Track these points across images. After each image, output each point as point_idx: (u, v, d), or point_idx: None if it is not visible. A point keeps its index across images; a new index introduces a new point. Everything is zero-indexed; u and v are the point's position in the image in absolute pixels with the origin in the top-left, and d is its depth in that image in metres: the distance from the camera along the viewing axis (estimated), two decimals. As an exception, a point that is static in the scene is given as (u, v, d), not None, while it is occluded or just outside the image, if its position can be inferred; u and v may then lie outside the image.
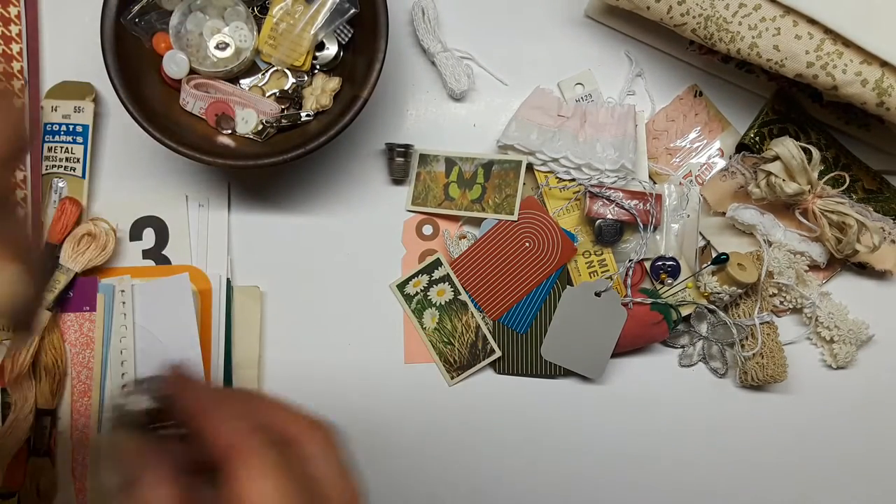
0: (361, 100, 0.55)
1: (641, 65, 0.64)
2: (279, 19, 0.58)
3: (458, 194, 0.61)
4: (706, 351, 0.61)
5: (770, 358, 0.59)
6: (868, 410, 0.63)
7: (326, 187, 0.62)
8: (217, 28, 0.57)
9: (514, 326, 0.60)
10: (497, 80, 0.64)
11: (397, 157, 0.61)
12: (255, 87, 0.59)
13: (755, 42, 0.55)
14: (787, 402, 0.62)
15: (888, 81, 0.53)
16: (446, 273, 0.60)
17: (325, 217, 0.62)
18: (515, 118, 0.61)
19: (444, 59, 0.62)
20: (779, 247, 0.60)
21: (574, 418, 0.61)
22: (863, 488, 0.62)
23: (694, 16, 0.57)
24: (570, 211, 0.61)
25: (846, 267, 0.63)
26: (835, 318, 0.61)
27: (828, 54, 0.54)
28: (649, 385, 0.62)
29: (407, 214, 0.62)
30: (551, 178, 0.61)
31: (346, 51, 0.59)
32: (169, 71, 0.56)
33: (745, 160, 0.61)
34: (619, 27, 0.64)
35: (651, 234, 0.60)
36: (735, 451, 0.62)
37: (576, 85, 0.64)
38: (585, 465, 0.61)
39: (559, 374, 0.61)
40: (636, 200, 0.59)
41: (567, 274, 0.61)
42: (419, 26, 0.63)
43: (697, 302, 0.60)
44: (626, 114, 0.60)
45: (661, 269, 0.61)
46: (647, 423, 0.62)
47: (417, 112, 0.64)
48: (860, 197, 0.62)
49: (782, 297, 0.61)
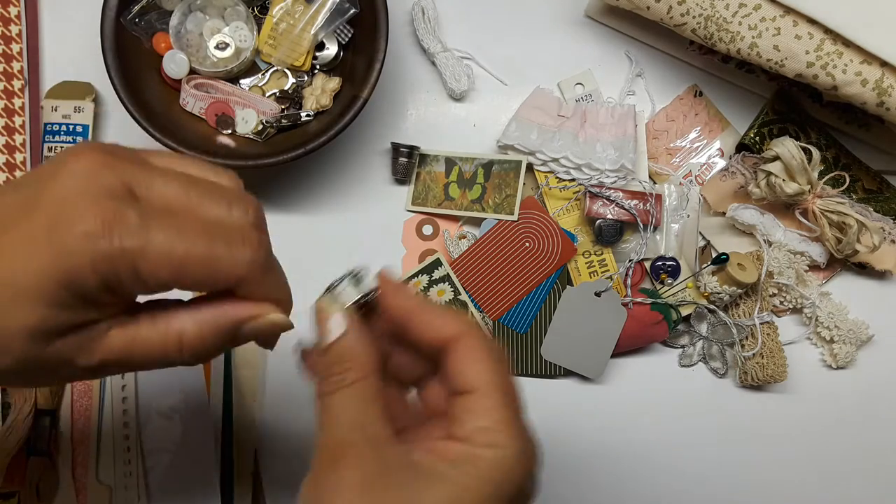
0: (361, 100, 0.55)
1: (641, 65, 0.64)
2: (279, 19, 0.58)
3: (458, 194, 0.61)
4: (706, 351, 0.61)
5: (770, 358, 0.59)
6: (868, 410, 0.63)
7: (326, 187, 0.62)
8: (217, 28, 0.57)
9: (514, 326, 0.60)
10: (497, 80, 0.64)
11: (401, 157, 0.61)
12: (255, 87, 0.59)
13: (755, 42, 0.55)
14: (787, 402, 0.62)
15: (888, 81, 0.53)
16: (446, 273, 0.60)
17: (325, 217, 0.62)
18: (515, 118, 0.61)
19: (444, 59, 0.62)
20: (779, 247, 0.60)
21: (574, 418, 0.61)
22: (863, 488, 0.62)
23: (694, 16, 0.57)
24: (570, 211, 0.61)
25: (846, 267, 0.63)
26: (835, 318, 0.61)
27: (828, 54, 0.54)
28: (649, 385, 0.62)
29: (407, 214, 0.62)
30: (551, 178, 0.61)
31: (346, 51, 0.59)
32: (169, 71, 0.56)
33: (745, 160, 0.61)
34: (619, 27, 0.64)
35: (651, 234, 0.60)
36: (735, 451, 0.62)
37: (576, 85, 0.64)
38: (585, 465, 0.61)
39: (559, 374, 0.61)
40: (636, 200, 0.59)
41: (567, 274, 0.61)
42: (419, 26, 0.63)
43: (697, 302, 0.60)
44: (626, 114, 0.60)
45: (661, 269, 0.61)
46: (647, 423, 0.62)
47: (417, 112, 0.64)
48: (860, 197, 0.62)
49: (782, 297, 0.61)
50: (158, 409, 0.56)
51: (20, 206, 0.29)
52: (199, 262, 0.29)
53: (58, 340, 0.29)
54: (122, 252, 0.28)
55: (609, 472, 0.61)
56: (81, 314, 0.29)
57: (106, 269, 0.28)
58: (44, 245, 0.27)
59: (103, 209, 0.28)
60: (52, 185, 0.28)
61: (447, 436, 0.32)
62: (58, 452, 0.56)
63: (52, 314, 0.28)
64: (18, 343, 0.28)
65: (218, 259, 0.29)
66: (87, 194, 0.28)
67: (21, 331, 0.28)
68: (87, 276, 0.27)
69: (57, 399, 0.56)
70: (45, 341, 0.29)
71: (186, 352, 0.31)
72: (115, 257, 0.28)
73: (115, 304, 0.30)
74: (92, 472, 0.55)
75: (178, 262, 0.29)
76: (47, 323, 0.28)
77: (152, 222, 0.28)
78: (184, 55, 0.56)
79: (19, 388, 0.55)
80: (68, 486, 0.56)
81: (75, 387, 0.57)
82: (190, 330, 0.31)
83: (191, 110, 0.57)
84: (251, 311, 0.32)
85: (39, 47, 0.61)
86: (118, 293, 0.29)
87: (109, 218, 0.28)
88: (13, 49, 0.59)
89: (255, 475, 0.58)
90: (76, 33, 0.60)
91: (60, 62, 0.61)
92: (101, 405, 0.56)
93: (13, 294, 0.28)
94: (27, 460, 0.55)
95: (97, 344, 0.30)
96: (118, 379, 0.56)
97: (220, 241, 0.29)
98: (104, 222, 0.27)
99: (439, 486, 0.30)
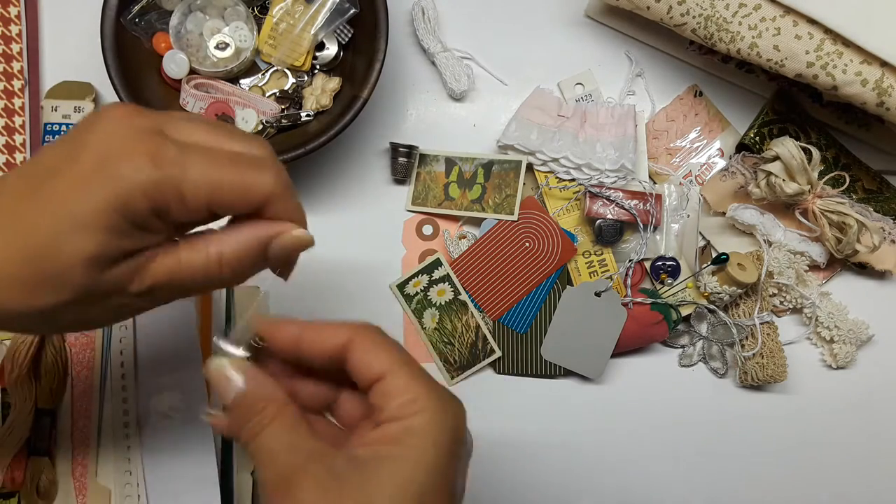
0: (361, 100, 0.55)
1: (641, 65, 0.64)
2: (279, 19, 0.58)
3: (458, 194, 0.61)
4: (706, 351, 0.61)
5: (770, 358, 0.59)
6: (868, 410, 0.63)
7: (326, 187, 0.62)
8: (217, 28, 0.57)
9: (514, 326, 0.60)
10: (497, 80, 0.64)
11: (401, 157, 0.61)
12: (255, 87, 0.59)
13: (755, 42, 0.55)
14: (787, 402, 0.62)
15: (888, 81, 0.53)
16: (446, 273, 0.60)
17: (325, 217, 0.62)
18: (515, 118, 0.61)
19: (444, 59, 0.62)
20: (779, 247, 0.60)
21: (574, 418, 0.61)
22: (863, 488, 0.62)
23: (694, 16, 0.57)
24: (570, 211, 0.61)
25: (846, 267, 0.63)
26: (835, 318, 0.61)
27: (828, 54, 0.54)
28: (649, 385, 0.62)
29: (407, 214, 0.62)
30: (551, 178, 0.61)
31: (346, 51, 0.59)
32: (169, 71, 0.56)
33: (745, 160, 0.61)
34: (619, 27, 0.64)
35: (651, 234, 0.60)
36: (735, 451, 0.62)
37: (576, 85, 0.64)
38: (585, 465, 0.61)
39: (559, 374, 0.61)
40: (636, 200, 0.59)
41: (567, 274, 0.61)
42: (419, 26, 0.63)
43: (697, 302, 0.60)
44: (626, 114, 0.60)
45: (661, 269, 0.61)
46: (647, 423, 0.62)
47: (417, 112, 0.64)
48: (860, 197, 0.62)
49: (782, 297, 0.61)
50: (158, 409, 0.56)
51: (65, 155, 0.32)
52: (232, 185, 0.33)
53: (113, 267, 0.32)
54: (168, 178, 0.31)
55: (609, 472, 0.61)
56: (134, 240, 0.32)
57: (155, 193, 0.31)
58: (96, 180, 0.31)
59: (146, 144, 0.31)
60: (94, 132, 0.32)
61: (376, 424, 0.34)
62: (58, 452, 0.56)
63: (108, 241, 0.31)
64: (78, 272, 0.31)
65: (247, 181, 0.33)
66: (129, 134, 0.32)
67: (80, 259, 0.31)
68: (139, 202, 0.31)
69: (57, 399, 0.56)
70: (101, 269, 0.32)
71: (226, 268, 0.35)
72: (162, 183, 0.31)
73: (161, 231, 0.33)
74: (92, 472, 0.55)
75: (215, 185, 0.32)
76: (104, 249, 0.31)
77: (189, 154, 0.32)
78: (184, 55, 0.56)
79: (19, 389, 0.55)
80: (68, 486, 0.55)
81: (75, 387, 0.57)
82: (227, 249, 0.34)
83: (191, 110, 0.57)
84: (277, 227, 0.36)
85: (39, 47, 0.61)
86: (165, 218, 0.32)
87: (153, 150, 0.31)
88: (13, 49, 0.59)
89: (255, 475, 0.58)
90: (76, 33, 0.60)
91: (60, 62, 0.61)
92: (101, 405, 0.56)
93: (71, 225, 0.30)
94: (27, 460, 0.55)
95: (146, 269, 0.33)
96: (118, 379, 0.56)
97: (248, 167, 0.33)
98: (149, 154, 0.31)
99: (390, 467, 0.32)
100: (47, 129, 0.59)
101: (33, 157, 0.34)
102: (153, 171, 0.31)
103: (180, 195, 0.32)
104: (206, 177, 0.32)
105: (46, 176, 0.32)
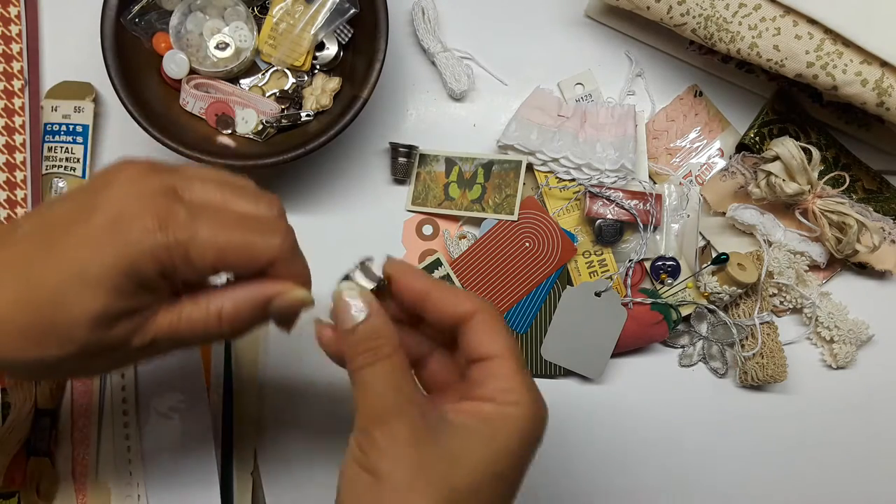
0: (361, 100, 0.55)
1: (641, 65, 0.64)
2: (279, 19, 0.58)
3: (458, 194, 0.61)
4: (706, 351, 0.61)
5: (770, 358, 0.59)
6: (868, 410, 0.63)
7: (326, 187, 0.62)
8: (217, 28, 0.57)
9: (514, 326, 0.60)
10: (497, 80, 0.64)
11: (400, 157, 0.61)
12: (255, 87, 0.59)
13: (755, 42, 0.55)
14: (787, 402, 0.62)
15: (888, 81, 0.53)
16: (446, 273, 0.60)
17: (325, 217, 0.62)
18: (515, 118, 0.61)
19: (444, 59, 0.62)
20: (779, 247, 0.60)
21: (574, 418, 0.61)
22: (863, 488, 0.62)
23: (694, 16, 0.57)
24: (570, 211, 0.61)
25: (846, 267, 0.63)
26: (835, 318, 0.61)
27: (828, 54, 0.54)
28: (649, 385, 0.62)
29: (407, 214, 0.62)
30: (551, 178, 0.61)
31: (346, 51, 0.59)
32: (169, 71, 0.56)
33: (745, 160, 0.61)
34: (619, 27, 0.64)
35: (651, 234, 0.60)
36: (735, 451, 0.62)
37: (576, 85, 0.64)
38: (585, 465, 0.61)
39: (559, 374, 0.61)
40: (636, 200, 0.59)
41: (567, 274, 0.61)
42: (419, 26, 0.63)
43: (697, 302, 0.60)
44: (626, 114, 0.60)
45: (661, 269, 0.61)
46: (647, 423, 0.62)
47: (417, 112, 0.64)
48: (860, 197, 0.62)
49: (782, 297, 0.61)
50: (158, 409, 0.56)
51: (78, 212, 0.33)
52: (238, 248, 0.34)
53: (117, 325, 0.33)
54: (177, 242, 0.32)
55: (609, 472, 0.61)
56: (139, 299, 0.33)
57: (164, 257, 0.32)
58: (106, 241, 0.32)
59: (157, 207, 0.33)
60: (107, 191, 0.33)
61: (468, 398, 0.35)
62: (58, 452, 0.56)
63: (114, 301, 0.32)
64: (84, 329, 0.32)
65: (254, 245, 0.35)
66: (141, 196, 0.33)
67: (86, 317, 0.32)
68: (146, 265, 0.32)
69: (57, 399, 0.56)
70: (106, 326, 0.33)
71: (225, 324, 0.36)
72: (171, 247, 0.32)
73: (166, 289, 0.34)
74: (92, 472, 0.55)
75: (222, 249, 0.34)
76: (110, 309, 0.32)
77: (198, 217, 0.33)
78: (184, 55, 0.56)
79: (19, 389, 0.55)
80: (68, 486, 0.55)
81: (75, 387, 0.57)
82: (228, 306, 0.36)
83: (191, 110, 0.57)
84: (279, 287, 0.36)
85: (39, 47, 0.61)
86: (171, 279, 0.34)
87: (163, 214, 0.33)
88: (13, 49, 0.59)
89: (255, 475, 0.58)
90: (76, 33, 0.60)
91: (60, 62, 0.61)
92: (101, 405, 0.56)
93: (80, 285, 0.32)
94: (27, 460, 0.55)
95: (149, 324, 0.34)
96: (118, 379, 0.56)
97: (255, 231, 0.35)
98: (159, 218, 0.32)
99: (475, 440, 0.34)
100: (47, 129, 0.59)
101: (48, 206, 0.35)
102: (162, 235, 0.32)
103: (187, 258, 0.33)
104: (213, 240, 0.33)
105: (60, 231, 0.33)
